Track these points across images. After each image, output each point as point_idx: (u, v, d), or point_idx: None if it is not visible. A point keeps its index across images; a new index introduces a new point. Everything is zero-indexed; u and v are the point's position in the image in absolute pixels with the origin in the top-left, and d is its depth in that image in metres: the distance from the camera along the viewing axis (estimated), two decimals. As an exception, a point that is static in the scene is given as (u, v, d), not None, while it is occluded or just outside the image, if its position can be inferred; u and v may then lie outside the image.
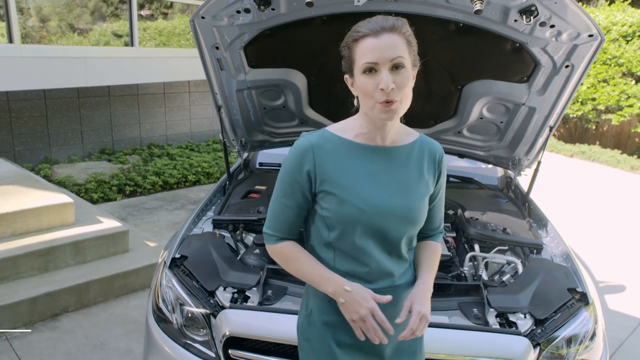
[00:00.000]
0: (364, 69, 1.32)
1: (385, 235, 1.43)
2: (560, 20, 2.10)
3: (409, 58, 1.33)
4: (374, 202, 1.39)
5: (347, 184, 1.40)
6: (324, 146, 1.43)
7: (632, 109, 9.10)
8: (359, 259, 1.44)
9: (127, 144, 7.69)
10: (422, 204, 1.46)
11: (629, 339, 3.55)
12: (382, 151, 1.44)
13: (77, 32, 7.11)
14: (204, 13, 2.26)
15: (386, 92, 1.29)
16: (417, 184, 1.46)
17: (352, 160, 1.42)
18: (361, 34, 1.33)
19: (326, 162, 1.41)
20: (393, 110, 1.31)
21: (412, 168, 1.46)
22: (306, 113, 2.96)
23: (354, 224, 1.40)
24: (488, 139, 3.02)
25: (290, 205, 1.46)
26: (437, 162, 1.50)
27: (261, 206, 2.63)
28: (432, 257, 1.57)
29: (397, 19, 1.35)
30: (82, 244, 3.77)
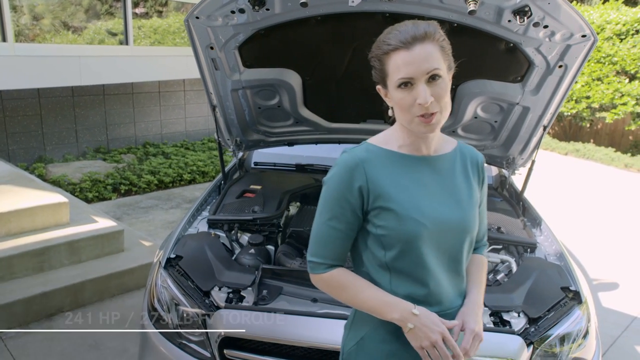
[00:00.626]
0: (398, 83, 1.25)
1: (446, 251, 1.34)
2: (553, 20, 2.11)
3: (444, 65, 1.25)
4: (433, 215, 1.31)
5: (404, 198, 1.31)
6: (372, 160, 1.34)
7: (626, 107, 9.14)
8: (419, 279, 1.33)
9: (122, 143, 7.67)
10: (475, 213, 1.39)
11: (622, 337, 3.58)
12: (429, 161, 1.37)
13: (71, 31, 7.08)
14: (199, 13, 2.26)
15: (424, 107, 1.22)
16: (468, 193, 1.39)
17: (403, 173, 1.34)
18: (392, 46, 1.24)
19: (378, 177, 1.32)
20: (434, 124, 1.25)
21: (459, 177, 1.40)
22: (301, 113, 2.97)
23: (414, 241, 1.29)
24: (482, 138, 3.04)
25: (340, 227, 1.34)
26: (480, 169, 1.45)
27: (256, 206, 2.63)
28: (479, 272, 1.49)
29: (429, 24, 1.25)
30: (77, 243, 3.76)
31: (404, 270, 1.33)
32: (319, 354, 1.87)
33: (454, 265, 1.37)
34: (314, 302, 1.97)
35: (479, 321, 1.36)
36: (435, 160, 1.38)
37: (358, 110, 2.99)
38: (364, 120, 3.02)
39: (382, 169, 1.33)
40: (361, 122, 3.03)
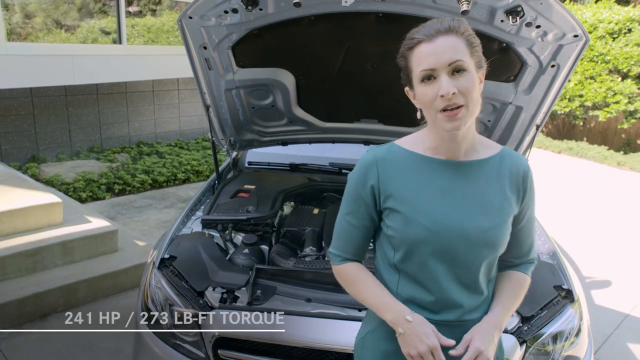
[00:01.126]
0: (421, 77, 1.22)
1: (458, 261, 1.28)
2: (545, 20, 2.12)
3: (471, 60, 1.21)
4: (443, 221, 1.27)
5: (413, 201, 1.29)
6: (391, 160, 1.34)
7: (619, 106, 9.20)
8: (424, 285, 1.30)
9: (116, 142, 7.63)
10: (503, 226, 1.30)
11: (614, 334, 3.61)
12: (457, 166, 1.31)
13: (64, 29, 7.05)
14: (192, 13, 2.26)
15: (447, 98, 1.18)
16: (498, 203, 1.30)
17: (421, 176, 1.31)
18: (415, 40, 1.23)
19: (391, 177, 1.32)
20: (459, 119, 1.19)
21: (492, 185, 1.31)
22: (295, 112, 2.97)
23: (420, 245, 1.28)
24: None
25: (355, 223, 1.38)
26: (522, 179, 1.33)
27: (250, 205, 2.63)
28: (511, 291, 1.37)
29: (454, 19, 1.23)
30: (71, 243, 3.74)
31: (409, 273, 1.32)
32: (313, 354, 1.87)
33: (468, 277, 1.30)
34: (308, 302, 1.97)
35: (489, 342, 1.26)
36: (465, 166, 1.32)
37: (352, 109, 2.99)
38: (358, 120, 3.02)
39: (399, 170, 1.32)
40: (355, 121, 3.03)
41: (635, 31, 9.33)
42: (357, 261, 1.42)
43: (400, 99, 2.84)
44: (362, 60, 2.61)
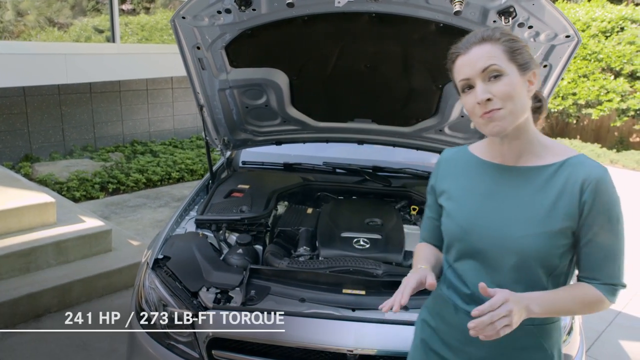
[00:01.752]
0: (461, 87, 1.30)
1: (489, 262, 1.33)
2: (538, 21, 2.13)
3: (510, 64, 1.24)
4: (476, 222, 1.33)
5: (457, 200, 1.40)
6: (454, 161, 1.46)
7: (611, 104, 9.24)
8: (462, 279, 1.39)
9: (110, 141, 7.61)
10: (540, 238, 1.26)
11: (606, 331, 3.64)
12: (505, 170, 1.34)
13: (57, 27, 7.01)
14: (185, 13, 2.25)
15: (483, 105, 1.23)
16: (541, 213, 1.27)
17: (471, 177, 1.40)
18: (454, 54, 1.31)
19: (447, 176, 1.46)
20: (497, 119, 1.23)
21: (539, 194, 1.28)
22: (288, 112, 2.97)
23: (455, 241, 1.39)
24: (469, 137, 3.06)
25: (430, 215, 1.56)
26: (580, 191, 1.25)
27: (244, 205, 2.63)
28: (565, 291, 1.30)
29: (488, 28, 1.29)
30: (64, 243, 3.74)
31: (452, 264, 1.44)
32: (307, 354, 1.88)
33: (499, 279, 1.31)
34: (302, 302, 1.98)
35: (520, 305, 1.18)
36: (514, 171, 1.33)
37: (346, 109, 3.00)
38: (352, 120, 3.03)
39: (456, 170, 1.45)
40: (349, 121, 3.04)
41: (628, 30, 9.38)
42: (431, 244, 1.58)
43: (394, 99, 2.88)
44: (356, 60, 2.62)
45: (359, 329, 1.87)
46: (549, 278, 1.31)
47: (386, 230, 2.50)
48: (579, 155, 1.31)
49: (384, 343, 1.85)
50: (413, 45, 2.47)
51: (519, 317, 1.18)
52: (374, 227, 2.54)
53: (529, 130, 1.32)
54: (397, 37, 2.44)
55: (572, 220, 1.26)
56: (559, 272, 1.32)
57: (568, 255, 1.30)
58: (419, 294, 2.01)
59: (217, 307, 1.95)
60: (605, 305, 1.31)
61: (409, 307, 1.96)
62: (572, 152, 1.32)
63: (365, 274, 2.11)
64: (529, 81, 1.28)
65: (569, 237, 1.27)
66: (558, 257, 1.28)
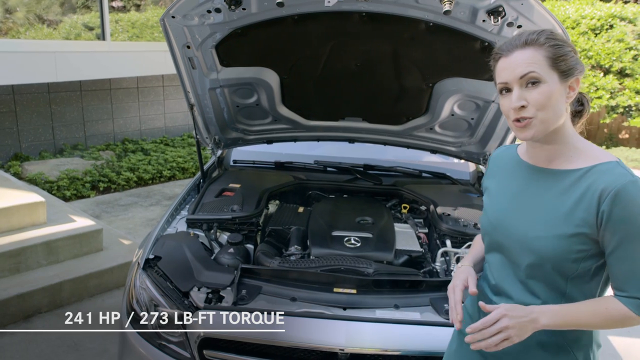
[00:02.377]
0: (499, 89, 1.31)
1: (511, 257, 1.37)
2: (527, 21, 2.14)
3: (551, 72, 1.23)
4: (501, 219, 1.40)
5: (493, 196, 1.48)
6: (501, 159, 1.52)
7: (601, 101, 9.31)
8: (490, 269, 1.47)
9: (100, 140, 7.57)
10: (554, 240, 1.26)
11: (596, 327, 3.67)
12: (537, 172, 1.37)
13: (46, 24, 6.95)
14: (174, 12, 2.25)
15: (516, 111, 1.25)
16: (559, 217, 1.27)
17: (509, 175, 1.46)
18: (497, 55, 1.31)
19: (492, 174, 1.53)
20: (528, 129, 1.25)
21: (562, 197, 1.29)
22: (279, 111, 2.97)
23: (485, 234, 1.49)
24: (459, 135, 3.08)
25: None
26: (599, 199, 1.21)
27: (235, 204, 2.62)
28: (585, 304, 1.27)
29: (533, 32, 1.27)
30: (55, 243, 3.72)
31: (486, 256, 1.52)
32: (299, 353, 1.89)
33: (519, 274, 1.35)
34: (293, 301, 1.98)
35: (516, 316, 1.23)
36: (544, 173, 1.35)
37: (336, 108, 3.01)
38: (343, 118, 3.03)
39: (499, 168, 1.52)
40: (339, 120, 3.04)
41: (617, 27, 9.45)
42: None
43: (384, 98, 2.89)
44: (346, 59, 2.62)
45: (350, 327, 1.87)
46: (568, 282, 1.29)
47: (377, 228, 2.51)
48: (611, 162, 1.26)
49: (375, 342, 1.85)
50: (403, 44, 2.48)
51: (522, 331, 1.22)
52: (365, 225, 2.55)
53: (565, 135, 1.31)
54: (388, 36, 2.45)
55: (589, 228, 1.23)
56: (580, 278, 1.29)
57: (590, 261, 1.27)
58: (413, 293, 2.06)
59: (208, 307, 1.95)
60: (634, 322, 1.25)
61: (400, 306, 1.97)
62: (606, 158, 1.27)
63: (356, 273, 2.12)
64: (569, 87, 1.27)
65: (586, 243, 1.25)
66: (573, 262, 1.26)
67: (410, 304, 2.00)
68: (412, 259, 2.40)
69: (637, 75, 9.23)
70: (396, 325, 1.88)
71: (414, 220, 2.86)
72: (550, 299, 1.31)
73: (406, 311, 1.95)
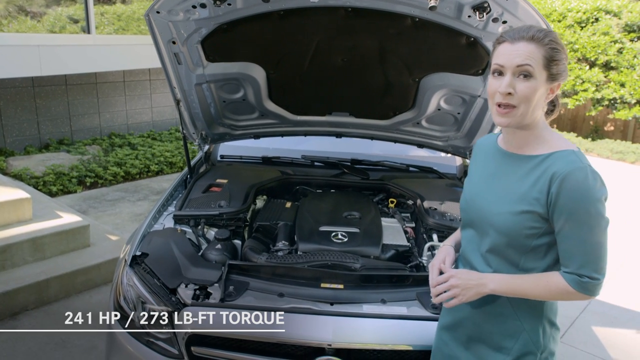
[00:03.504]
0: (493, 70, 1.39)
1: (479, 232, 1.54)
2: (512, 16, 2.15)
3: (543, 71, 1.34)
4: (474, 198, 1.56)
5: (472, 178, 1.63)
6: (484, 146, 1.65)
7: (587, 94, 9.40)
8: (463, 242, 1.64)
9: (87, 134, 7.50)
10: (512, 216, 1.41)
11: (580, 318, 3.73)
12: (507, 157, 1.51)
13: (29, 16, 6.84)
14: (159, 8, 2.23)
15: (502, 95, 1.35)
16: (519, 196, 1.42)
17: (486, 161, 1.59)
18: (502, 39, 1.39)
19: (474, 160, 1.68)
20: (507, 117, 1.37)
21: (523, 179, 1.43)
22: (266, 106, 2.96)
23: (461, 211, 1.63)
24: (446, 130, 3.09)
25: None
26: (550, 182, 1.36)
27: (222, 200, 2.61)
28: (530, 277, 1.44)
29: (541, 30, 1.36)
30: (41, 240, 3.69)
31: (461, 231, 1.68)
32: (285, 348, 1.90)
33: (484, 248, 1.51)
34: (281, 297, 1.99)
35: (465, 282, 1.48)
36: (513, 157, 1.49)
37: (323, 103, 3.00)
38: (330, 113, 3.03)
39: (481, 154, 1.64)
40: (326, 114, 3.04)
41: (602, 20, 9.53)
42: None
43: (371, 92, 2.89)
44: (333, 54, 2.62)
45: (337, 322, 1.89)
46: (522, 257, 1.45)
47: (364, 223, 2.52)
48: (568, 150, 1.40)
49: (363, 337, 1.87)
50: (389, 39, 2.48)
51: (466, 291, 1.47)
52: (352, 220, 2.56)
53: (537, 126, 1.44)
54: (374, 31, 2.45)
55: (541, 207, 1.38)
56: (533, 254, 1.44)
57: (543, 239, 1.42)
58: (399, 287, 2.07)
59: (195, 304, 1.95)
60: (574, 296, 1.40)
61: (387, 301, 1.99)
62: (565, 147, 1.41)
63: (343, 268, 2.13)
64: (551, 89, 1.39)
65: (538, 221, 1.39)
66: (526, 238, 1.41)
67: (397, 299, 2.02)
68: (399, 254, 2.42)
69: (622, 68, 9.32)
70: (383, 320, 1.90)
71: (401, 214, 2.87)
72: (505, 271, 1.48)
73: (393, 306, 1.97)
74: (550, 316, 1.54)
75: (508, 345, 1.51)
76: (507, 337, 1.52)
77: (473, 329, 1.58)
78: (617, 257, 4.95)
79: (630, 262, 4.91)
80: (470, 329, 1.59)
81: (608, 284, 4.32)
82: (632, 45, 9.33)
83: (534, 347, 1.51)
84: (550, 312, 1.54)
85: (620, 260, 4.88)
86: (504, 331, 1.52)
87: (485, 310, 1.54)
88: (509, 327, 1.52)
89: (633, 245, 5.36)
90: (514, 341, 1.51)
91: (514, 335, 1.51)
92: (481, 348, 1.57)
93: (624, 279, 4.50)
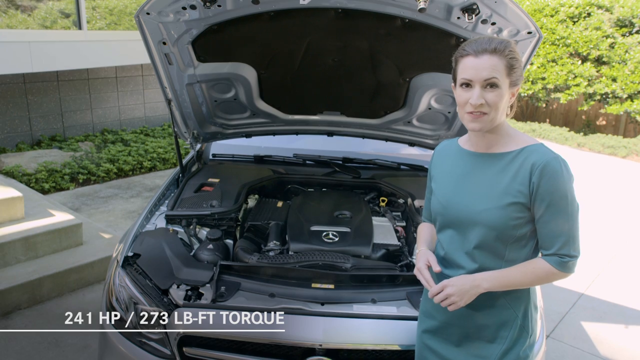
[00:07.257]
0: (461, 83, 1.50)
1: (460, 231, 1.61)
2: (500, 18, 2.17)
3: (506, 79, 1.46)
4: (451, 199, 1.62)
5: (441, 182, 1.69)
6: (444, 151, 1.75)
7: (579, 88, 9.45)
8: (441, 244, 1.69)
9: (79, 131, 7.46)
10: (498, 211, 1.51)
11: (570, 313, 3.78)
12: (477, 157, 1.61)
13: (19, 10, 6.79)
14: (149, 9, 2.23)
15: (474, 107, 1.46)
16: (499, 191, 1.52)
17: (453, 163, 1.68)
18: (465, 52, 1.49)
19: (437, 164, 1.75)
20: (480, 122, 1.49)
21: (500, 175, 1.54)
22: (257, 105, 2.97)
23: (438, 215, 1.68)
24: (437, 128, 3.11)
25: (428, 196, 1.82)
26: (530, 173, 1.49)
27: (214, 200, 2.62)
28: (517, 268, 1.54)
29: (502, 41, 1.47)
30: (33, 238, 3.69)
31: (438, 235, 1.72)
32: (277, 349, 1.92)
33: (468, 246, 1.59)
34: (272, 297, 2.00)
35: (459, 287, 1.53)
36: (483, 157, 1.60)
37: (314, 102, 3.02)
38: (321, 112, 3.05)
39: (444, 158, 1.72)
40: (318, 113, 3.05)
41: (594, 15, 9.55)
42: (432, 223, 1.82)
43: (362, 92, 2.90)
44: (323, 54, 2.63)
45: (327, 323, 1.90)
46: (507, 248, 1.55)
47: (355, 223, 2.54)
48: (537, 144, 1.55)
49: (353, 337, 1.89)
50: (379, 40, 2.49)
51: (464, 296, 1.52)
52: (343, 220, 2.58)
53: (502, 127, 1.57)
54: (364, 32, 2.46)
55: (524, 197, 1.50)
56: (517, 243, 1.55)
57: (526, 228, 1.53)
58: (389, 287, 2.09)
59: (187, 305, 1.96)
60: (556, 276, 1.55)
61: (377, 300, 2.01)
62: (531, 142, 1.56)
63: (334, 268, 2.15)
64: (512, 93, 1.52)
65: (522, 211, 1.51)
66: (512, 228, 1.52)
67: (387, 298, 2.04)
68: (390, 253, 2.44)
69: (614, 63, 9.36)
70: (373, 320, 1.92)
71: (392, 213, 2.89)
72: (492, 264, 1.57)
73: (383, 305, 1.99)
74: (534, 300, 1.67)
75: (503, 334, 1.61)
76: (502, 327, 1.61)
77: (467, 326, 1.65)
78: (607, 252, 5.00)
79: (619, 256, 4.96)
80: (463, 328, 1.65)
81: (597, 279, 4.38)
82: (623, 40, 9.37)
83: (525, 332, 1.62)
84: (534, 296, 1.68)
85: (609, 255, 4.94)
86: (500, 322, 1.61)
87: (480, 306, 1.60)
88: (504, 317, 1.61)
89: (623, 240, 5.41)
90: (509, 330, 1.61)
91: (508, 324, 1.61)
92: (475, 343, 1.65)
93: (614, 274, 4.56)
